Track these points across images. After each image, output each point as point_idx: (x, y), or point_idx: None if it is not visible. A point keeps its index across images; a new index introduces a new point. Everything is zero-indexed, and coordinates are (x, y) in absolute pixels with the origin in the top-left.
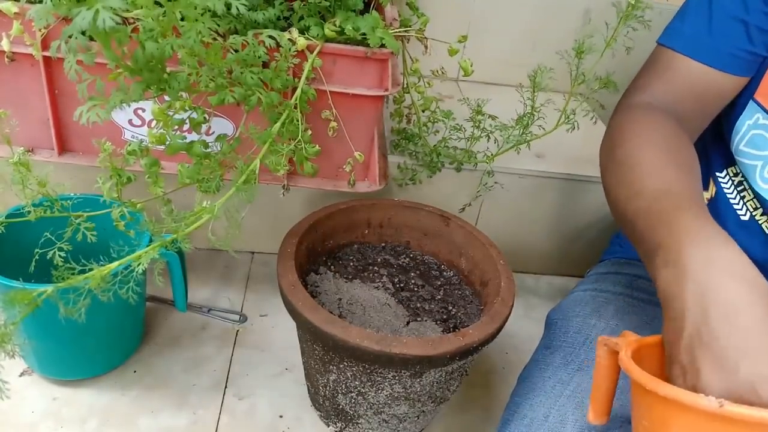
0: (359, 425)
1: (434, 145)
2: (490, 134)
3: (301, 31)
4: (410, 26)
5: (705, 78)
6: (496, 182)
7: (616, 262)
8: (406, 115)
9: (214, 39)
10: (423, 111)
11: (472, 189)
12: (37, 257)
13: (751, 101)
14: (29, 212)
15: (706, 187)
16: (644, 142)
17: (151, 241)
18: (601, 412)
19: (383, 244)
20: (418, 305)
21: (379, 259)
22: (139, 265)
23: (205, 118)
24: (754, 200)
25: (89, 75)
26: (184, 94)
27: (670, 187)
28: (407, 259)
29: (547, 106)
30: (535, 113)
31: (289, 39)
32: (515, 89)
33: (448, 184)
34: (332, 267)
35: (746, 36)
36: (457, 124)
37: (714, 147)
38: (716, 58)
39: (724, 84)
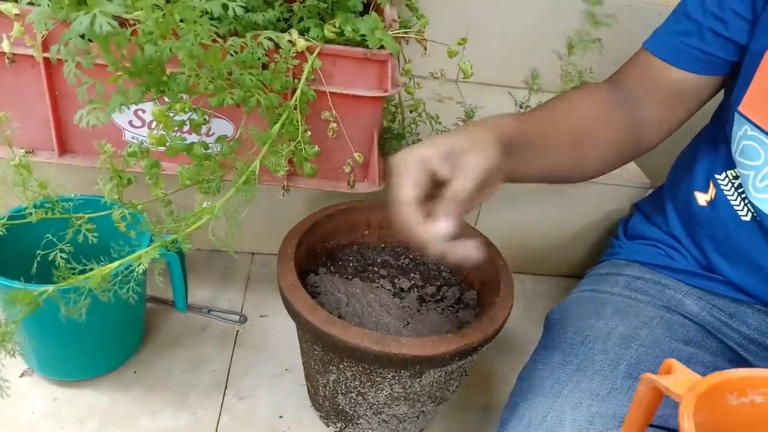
0: (359, 425)
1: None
2: None
3: (301, 33)
4: (410, 27)
5: (662, 71)
6: None
7: (616, 263)
8: (393, 114)
9: (214, 41)
10: (411, 112)
11: None
12: (38, 258)
13: (736, 113)
14: (30, 214)
15: (706, 189)
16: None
17: (151, 241)
18: None
19: (383, 245)
20: (418, 306)
21: (378, 260)
22: (139, 265)
23: (205, 119)
24: (749, 205)
25: (89, 78)
26: (184, 96)
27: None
28: (407, 259)
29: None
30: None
31: (288, 40)
32: (512, 91)
33: None
34: (332, 268)
35: (699, 35)
36: (446, 127)
37: (713, 150)
38: (669, 52)
39: (680, 79)
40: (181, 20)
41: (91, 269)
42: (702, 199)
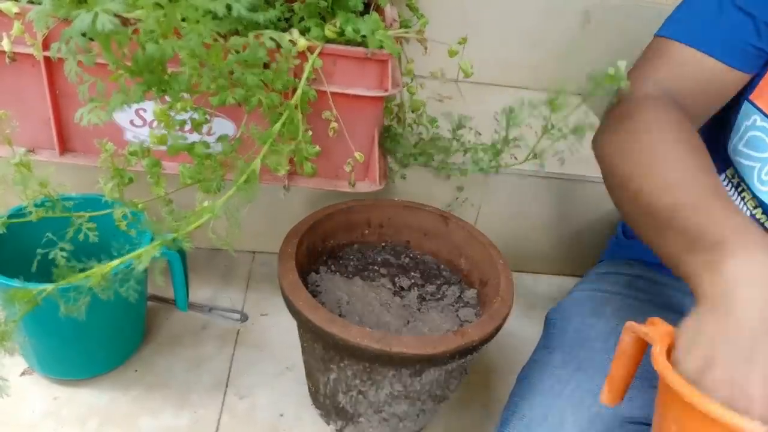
0: (359, 424)
1: (414, 144)
2: (466, 150)
3: (302, 32)
4: (410, 27)
5: (710, 71)
6: (467, 198)
7: (616, 262)
8: (396, 114)
9: (215, 40)
10: (412, 112)
11: (473, 190)
12: (38, 257)
13: (746, 102)
14: (31, 212)
15: None
16: (666, 135)
17: (152, 240)
18: (616, 396)
19: (383, 244)
20: (418, 305)
21: (379, 259)
22: (139, 263)
23: (206, 118)
24: (753, 200)
25: (90, 76)
26: (185, 95)
27: (711, 184)
28: (407, 258)
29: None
30: (510, 142)
31: (289, 40)
32: (510, 90)
33: (448, 184)
34: (333, 267)
35: (755, 30)
36: (437, 133)
37: (711, 150)
38: (725, 51)
39: (727, 79)
40: (183, 19)
41: (91, 267)
42: None
